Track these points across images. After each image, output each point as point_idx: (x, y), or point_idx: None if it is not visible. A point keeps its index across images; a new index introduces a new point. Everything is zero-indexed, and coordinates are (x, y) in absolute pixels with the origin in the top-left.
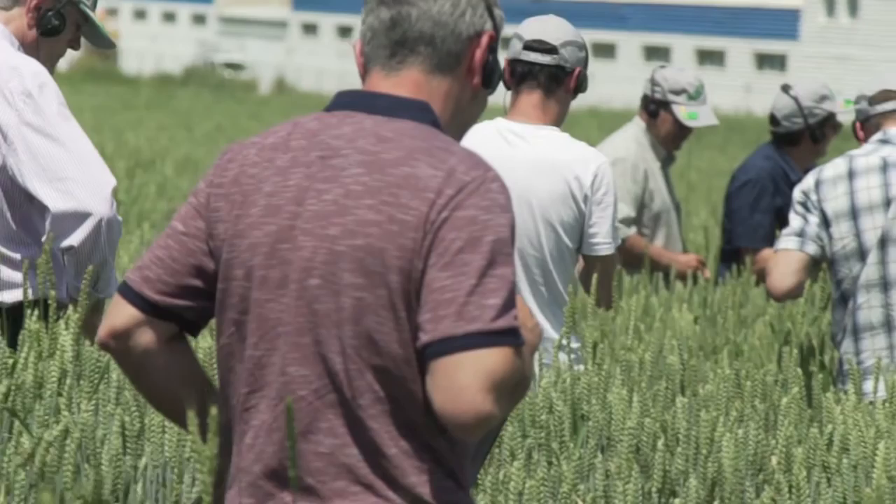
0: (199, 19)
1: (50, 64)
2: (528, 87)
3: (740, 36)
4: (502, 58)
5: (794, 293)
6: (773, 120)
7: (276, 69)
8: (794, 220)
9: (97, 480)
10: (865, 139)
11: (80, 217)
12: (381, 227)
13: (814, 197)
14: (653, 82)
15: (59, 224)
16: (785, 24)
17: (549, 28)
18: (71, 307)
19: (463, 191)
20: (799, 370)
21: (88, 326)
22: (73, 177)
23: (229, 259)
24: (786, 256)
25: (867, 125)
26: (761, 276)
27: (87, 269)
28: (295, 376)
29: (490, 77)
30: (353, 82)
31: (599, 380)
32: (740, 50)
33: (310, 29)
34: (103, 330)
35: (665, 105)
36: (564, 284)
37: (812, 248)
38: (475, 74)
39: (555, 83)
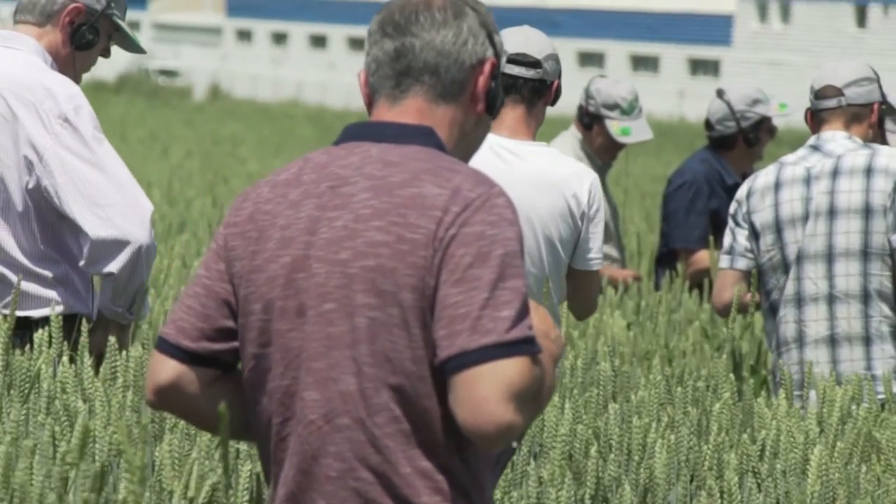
0: (133, 26)
1: (82, 75)
2: (511, 100)
3: (674, 42)
4: None
5: (731, 308)
6: (708, 124)
7: (210, 76)
8: (727, 237)
9: (29, 490)
10: (814, 131)
11: (121, 245)
12: (390, 248)
13: (744, 208)
14: (587, 94)
15: (98, 250)
16: (718, 29)
17: (532, 41)
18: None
19: (469, 207)
20: (731, 375)
21: (121, 345)
22: (113, 203)
23: (247, 294)
24: (721, 275)
25: (815, 118)
26: (696, 278)
27: (125, 294)
28: (308, 401)
29: (493, 103)
30: (287, 89)
31: None
32: (674, 56)
33: (244, 35)
34: (149, 388)
35: (598, 118)
36: (559, 300)
37: (742, 264)
38: (479, 101)
39: (537, 96)
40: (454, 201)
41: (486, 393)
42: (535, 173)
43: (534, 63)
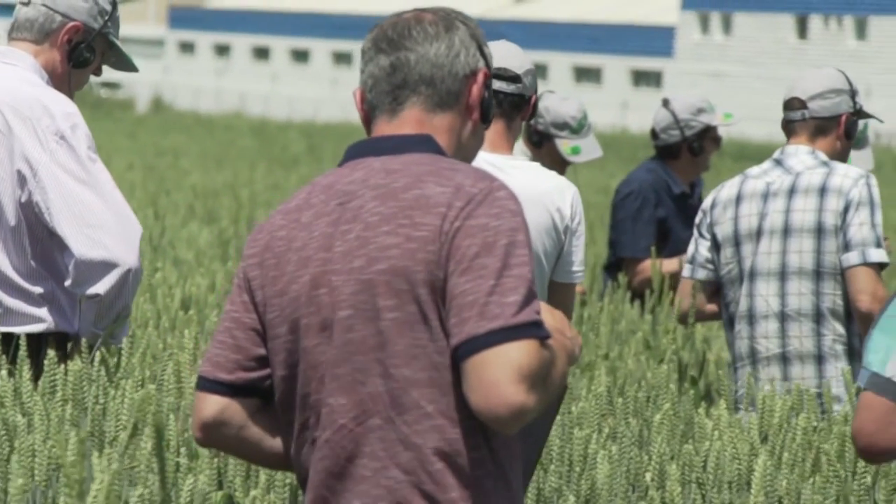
0: None
1: (76, 91)
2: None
3: (616, 53)
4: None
5: (692, 316)
6: (653, 133)
7: (153, 88)
8: (691, 245)
9: None
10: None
11: (109, 267)
12: (400, 248)
13: (707, 219)
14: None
15: (85, 271)
16: (660, 41)
17: (511, 55)
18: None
19: (472, 202)
20: (672, 386)
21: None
22: (105, 225)
23: (272, 318)
24: (682, 283)
25: (786, 128)
26: (642, 287)
27: (108, 317)
28: (335, 406)
29: (487, 112)
30: (230, 101)
31: None
32: (617, 67)
33: (186, 47)
34: (195, 426)
35: (548, 137)
36: None
37: (702, 274)
38: (474, 110)
39: (516, 111)
40: (457, 197)
41: (495, 376)
42: (520, 188)
43: (514, 78)
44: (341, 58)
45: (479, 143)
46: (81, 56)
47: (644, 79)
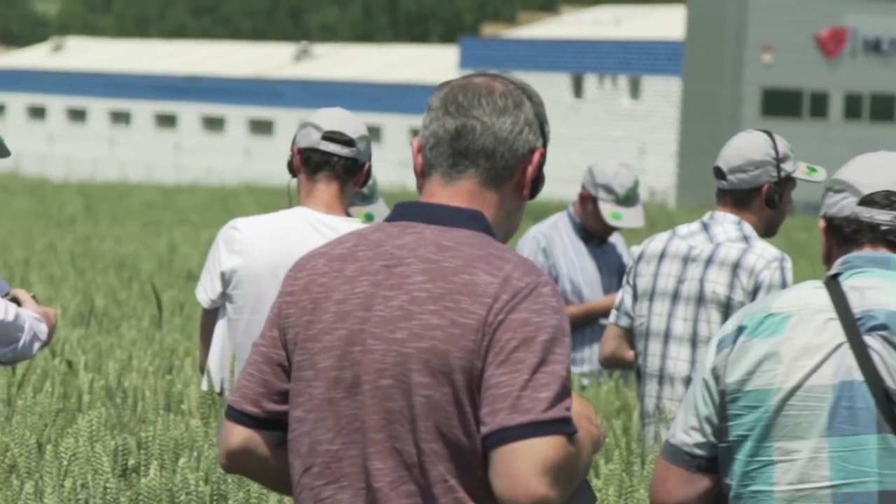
0: None
1: None
2: (325, 176)
3: (396, 112)
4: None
5: (612, 362)
6: None
7: None
8: (619, 292)
9: None
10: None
11: None
12: (444, 331)
13: (633, 270)
14: None
15: None
16: None
17: (347, 121)
18: None
19: (517, 296)
20: None
21: None
22: None
23: (300, 361)
24: (607, 328)
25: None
26: None
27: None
28: (372, 470)
29: (537, 190)
30: (4, 161)
31: None
32: (397, 125)
33: None
34: (222, 453)
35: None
36: None
37: (624, 322)
38: (525, 188)
39: (349, 175)
40: (504, 290)
41: (522, 467)
42: None
43: (349, 142)
44: (119, 117)
45: (521, 216)
46: None
47: None
